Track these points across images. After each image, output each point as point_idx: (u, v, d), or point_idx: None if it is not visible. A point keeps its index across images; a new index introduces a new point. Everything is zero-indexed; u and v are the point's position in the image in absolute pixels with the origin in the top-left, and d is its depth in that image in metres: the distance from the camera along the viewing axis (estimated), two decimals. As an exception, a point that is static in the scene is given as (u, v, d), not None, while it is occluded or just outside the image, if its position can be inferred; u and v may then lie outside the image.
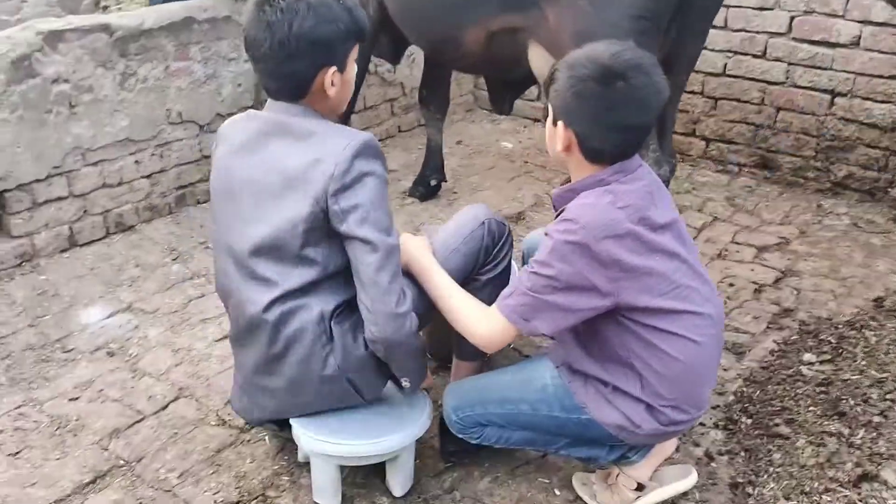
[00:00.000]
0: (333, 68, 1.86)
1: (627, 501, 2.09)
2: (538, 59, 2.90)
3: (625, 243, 1.75)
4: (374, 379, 2.03)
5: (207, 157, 3.83)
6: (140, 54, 3.41)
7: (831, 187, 4.20)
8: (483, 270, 2.19)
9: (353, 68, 1.94)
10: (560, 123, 1.83)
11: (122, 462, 2.30)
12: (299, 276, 1.89)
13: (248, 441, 2.39)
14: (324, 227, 1.85)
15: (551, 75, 1.85)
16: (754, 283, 3.31)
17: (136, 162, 3.55)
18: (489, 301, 1.99)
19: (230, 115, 3.75)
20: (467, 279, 2.15)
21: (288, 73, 1.83)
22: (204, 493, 2.19)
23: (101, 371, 2.68)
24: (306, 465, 2.27)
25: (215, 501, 2.16)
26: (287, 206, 1.85)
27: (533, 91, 4.95)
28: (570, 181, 1.95)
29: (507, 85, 3.54)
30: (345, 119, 3.34)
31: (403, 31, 3.34)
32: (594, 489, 2.14)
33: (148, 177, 3.62)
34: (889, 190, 4.00)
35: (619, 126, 1.78)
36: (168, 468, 2.28)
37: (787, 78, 4.18)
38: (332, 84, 1.88)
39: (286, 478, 2.25)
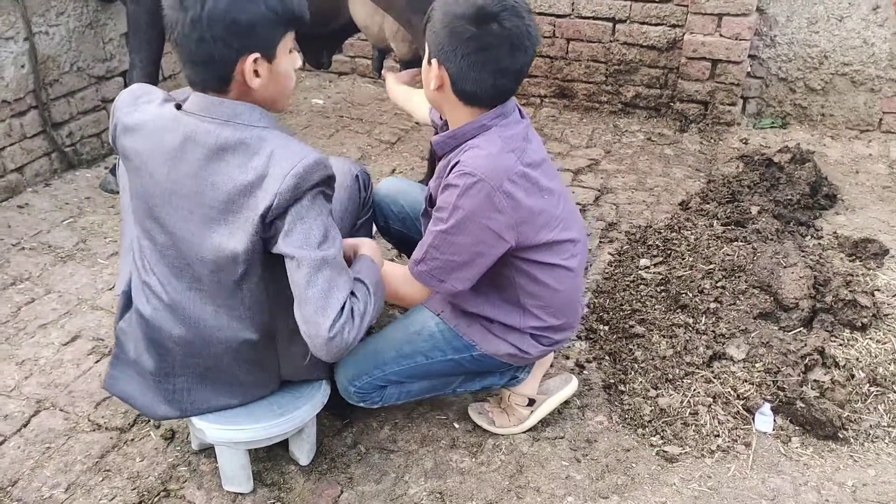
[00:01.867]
0: (255, 55, 1.63)
1: (523, 418, 2.25)
2: (360, 9, 2.90)
3: (520, 186, 1.81)
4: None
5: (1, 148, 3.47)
6: None
7: (623, 108, 4.59)
8: (360, 218, 2.30)
9: (288, 60, 1.72)
10: (434, 61, 1.83)
11: (-5, 490, 2.11)
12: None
13: (132, 440, 2.27)
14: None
15: (429, 14, 1.84)
16: (578, 203, 3.58)
17: (-82, 165, 3.14)
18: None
19: (17, 100, 3.45)
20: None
21: (204, 58, 1.62)
22: (99, 501, 2.07)
23: (-62, 400, 2.42)
24: (202, 452, 2.21)
25: (115, 507, 2.06)
26: (222, 235, 1.71)
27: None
28: (445, 126, 2.00)
29: (324, 39, 3.50)
30: None
31: None
32: (491, 416, 2.29)
33: (-67, 180, 3.22)
34: (672, 104, 4.45)
35: (492, 69, 1.77)
36: (50, 485, 2.12)
37: (573, 10, 4.47)
38: (257, 75, 1.65)
39: (184, 468, 2.18)
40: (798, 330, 2.46)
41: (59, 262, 3.12)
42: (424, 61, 1.91)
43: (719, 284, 2.64)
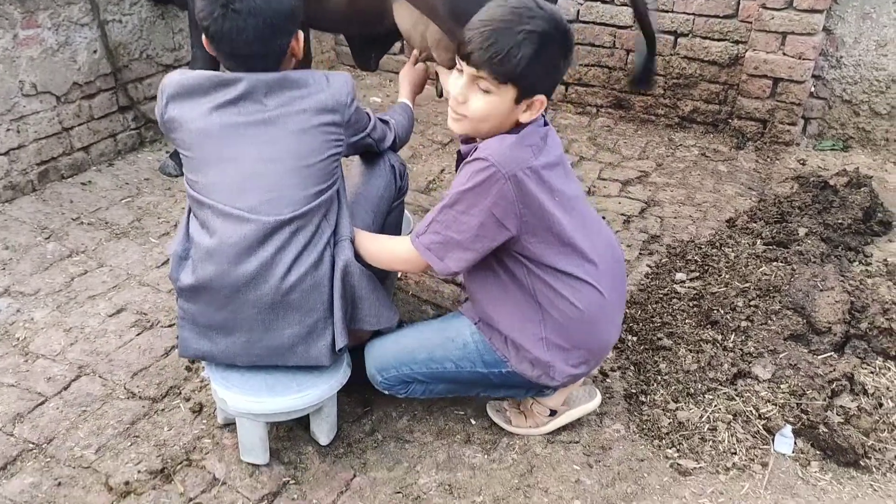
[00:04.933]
0: (299, 32, 1.99)
1: (541, 423, 2.26)
2: (404, 16, 2.95)
3: (531, 179, 1.82)
4: None
5: (68, 129, 3.65)
6: (-16, 23, 3.18)
7: (679, 122, 4.55)
8: (394, 202, 2.42)
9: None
10: (540, 96, 1.81)
11: (31, 445, 2.23)
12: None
13: (163, 410, 2.37)
14: None
15: (497, 51, 1.74)
16: (623, 214, 3.57)
17: (-8, 139, 3.33)
18: (396, 222, 2.41)
19: (88, 83, 3.62)
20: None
21: (274, 50, 1.92)
22: (125, 465, 2.17)
23: (-11, 358, 2.56)
24: (226, 427, 2.29)
25: (139, 472, 2.15)
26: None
27: (397, 46, 5.00)
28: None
29: (371, 42, 3.57)
30: None
31: None
32: (508, 415, 2.31)
33: (5, 154, 3.40)
34: (729, 121, 4.39)
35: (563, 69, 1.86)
36: (83, 445, 2.23)
37: (635, 22, 4.44)
38: (298, 46, 2.00)
39: (208, 441, 2.26)
40: (828, 354, 2.41)
41: (113, 238, 3.26)
42: (500, 103, 1.82)
43: (752, 303, 2.60)
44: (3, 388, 2.43)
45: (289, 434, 2.28)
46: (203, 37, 1.95)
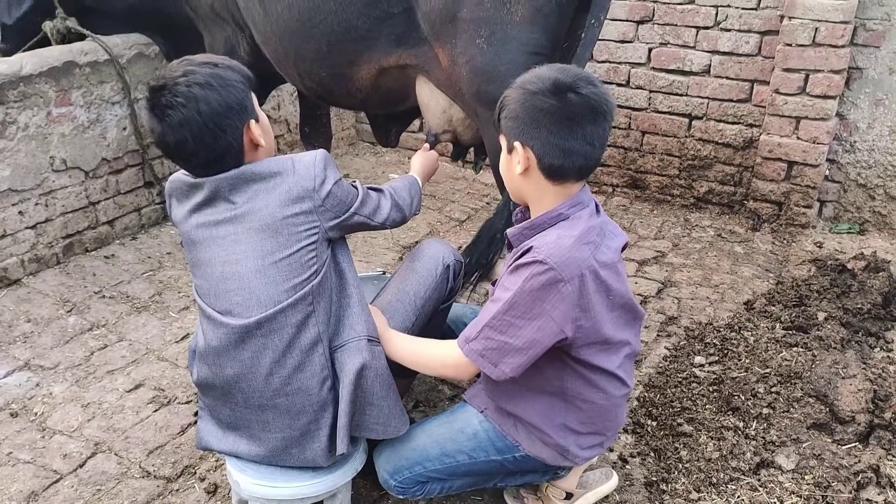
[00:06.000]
0: (252, 121, 1.89)
1: (559, 509, 2.22)
2: (425, 94, 3.04)
3: (589, 281, 1.76)
4: None
5: (94, 203, 3.73)
6: (19, 101, 3.29)
7: (695, 202, 4.58)
8: (442, 304, 2.33)
9: (262, 113, 1.97)
10: (517, 145, 1.81)
11: (44, 526, 2.22)
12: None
13: (177, 490, 2.36)
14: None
15: (501, 102, 1.85)
16: (640, 294, 3.57)
17: (20, 213, 3.40)
18: (440, 326, 2.23)
19: (116, 159, 3.72)
20: None
21: (223, 150, 1.85)
22: (139, 548, 2.15)
23: (7, 433, 2.56)
24: (242, 509, 2.27)
25: (152, 555, 2.13)
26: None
27: (415, 124, 5.12)
28: (521, 215, 2.00)
29: (392, 119, 3.65)
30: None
31: (283, 73, 3.34)
32: (525, 503, 2.27)
33: (33, 227, 3.48)
34: (745, 202, 4.42)
35: (577, 136, 1.75)
36: (96, 527, 2.22)
37: (650, 104, 4.54)
38: (259, 134, 1.91)
39: (222, 523, 2.24)
40: (853, 445, 2.37)
41: (134, 311, 3.29)
42: (503, 155, 1.89)
43: (773, 389, 2.57)
44: (18, 465, 2.43)
45: (304, 518, 2.25)
46: None
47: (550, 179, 1.82)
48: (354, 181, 2.09)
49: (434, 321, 2.33)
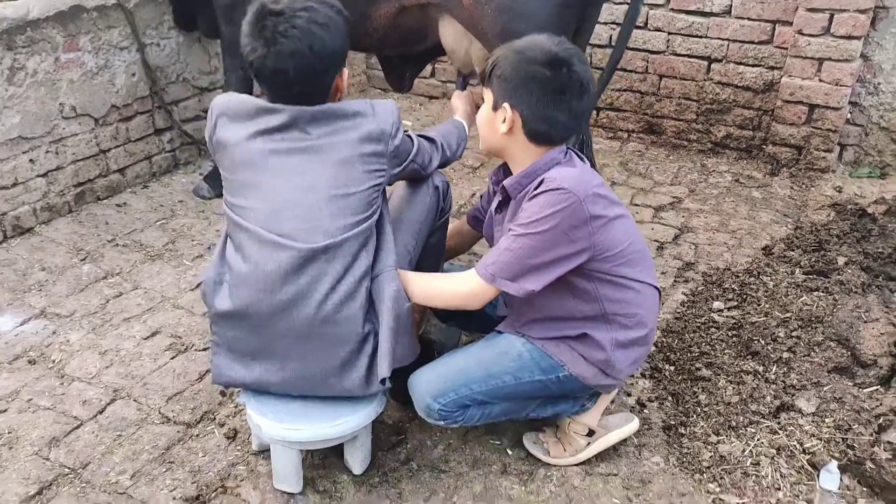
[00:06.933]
0: (344, 69, 2.01)
1: (580, 448, 2.23)
2: (449, 34, 2.97)
3: (599, 201, 1.92)
4: None
5: (105, 151, 3.69)
6: (27, 46, 3.23)
7: (712, 147, 4.51)
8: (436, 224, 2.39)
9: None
10: (506, 105, 1.95)
11: (67, 470, 2.23)
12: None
13: (198, 436, 2.37)
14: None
15: (494, 61, 1.98)
16: (656, 241, 3.53)
17: (31, 161, 3.37)
18: (437, 248, 2.40)
19: (125, 106, 3.67)
20: None
21: (316, 88, 1.94)
22: (160, 491, 2.16)
23: (26, 380, 2.57)
24: (261, 454, 2.28)
25: (174, 498, 2.14)
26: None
27: (427, 69, 5.04)
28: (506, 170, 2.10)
29: (408, 61, 3.57)
30: None
31: None
32: (546, 446, 2.27)
33: (44, 175, 3.45)
34: (764, 147, 4.34)
35: (564, 108, 1.93)
36: (118, 471, 2.23)
37: (668, 47, 4.44)
38: (345, 82, 2.04)
39: (242, 467, 2.25)
40: (874, 388, 2.35)
41: (148, 260, 3.28)
42: (487, 109, 2.03)
43: (794, 334, 2.55)
44: (39, 412, 2.44)
45: (323, 462, 2.26)
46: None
47: (534, 142, 1.99)
48: (408, 131, 2.15)
49: (431, 241, 2.40)
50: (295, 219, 1.91)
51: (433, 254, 2.44)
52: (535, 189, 1.93)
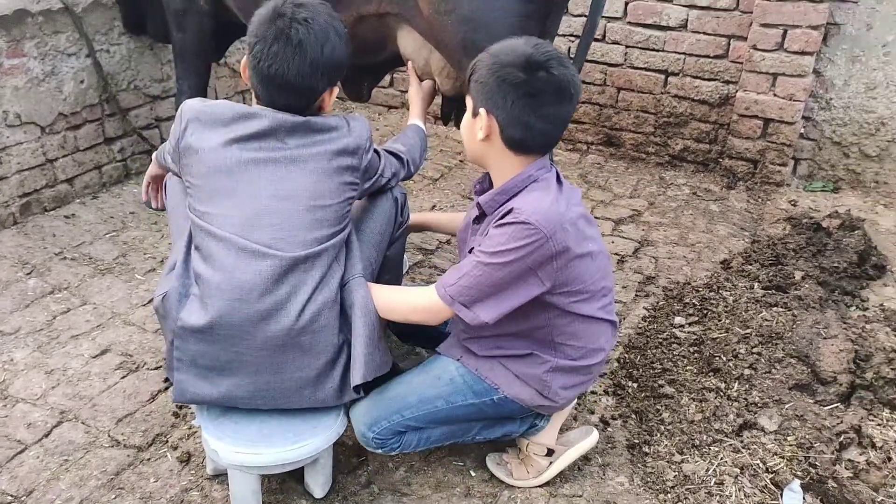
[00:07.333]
0: (336, 88, 2.03)
1: (542, 469, 2.19)
2: (409, 44, 2.92)
3: (570, 234, 1.84)
4: None
5: (52, 160, 3.56)
6: (-32, 52, 3.10)
7: (670, 160, 4.54)
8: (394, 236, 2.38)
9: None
10: (482, 111, 1.87)
11: (10, 498, 2.12)
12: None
13: (149, 459, 2.27)
14: None
15: (473, 66, 1.91)
16: (617, 254, 3.53)
17: (-28, 170, 3.24)
18: (396, 260, 2.39)
19: (74, 114, 3.54)
20: None
21: (307, 89, 1.93)
22: (110, 520, 2.08)
23: (-34, 403, 2.45)
24: (216, 478, 2.20)
25: (124, 527, 2.05)
26: None
27: (386, 79, 4.98)
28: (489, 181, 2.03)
29: (365, 71, 3.52)
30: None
31: (248, 23, 3.21)
32: (509, 467, 2.24)
33: (-14, 186, 3.31)
34: (720, 160, 4.39)
35: (541, 114, 1.83)
36: (64, 498, 2.13)
37: (625, 60, 4.46)
38: (331, 101, 2.04)
39: (196, 493, 2.17)
40: (835, 405, 2.37)
41: (97, 274, 3.17)
42: (467, 115, 1.96)
43: (755, 350, 2.56)
44: (-20, 436, 2.32)
45: (282, 486, 2.20)
46: (245, 57, 1.96)
47: (511, 150, 1.91)
48: (374, 146, 2.13)
49: (390, 253, 2.38)
50: (273, 228, 1.88)
51: (392, 266, 2.42)
52: (502, 218, 1.86)
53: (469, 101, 1.94)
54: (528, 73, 1.81)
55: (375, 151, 2.14)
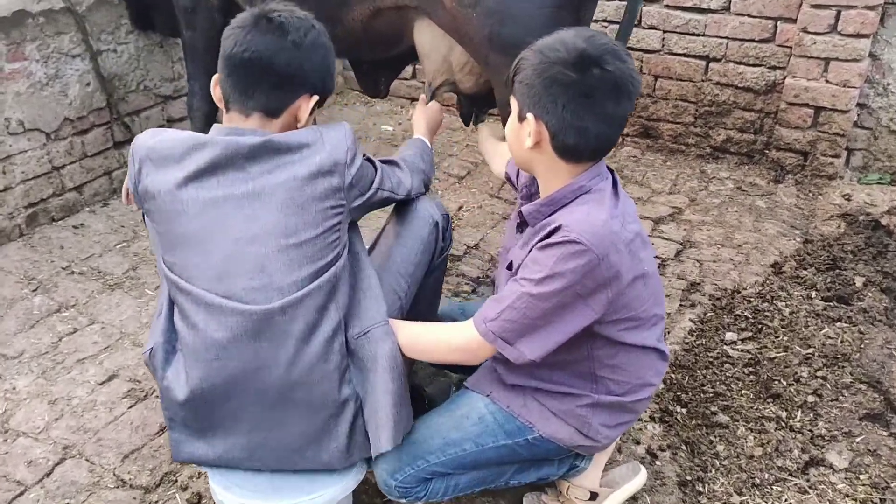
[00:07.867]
0: (315, 95, 1.76)
1: (584, 515, 1.98)
2: (426, 39, 2.71)
3: (624, 256, 1.61)
4: None
5: (59, 168, 3.39)
6: (-34, 57, 2.93)
7: (712, 152, 4.27)
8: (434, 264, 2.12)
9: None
10: (529, 116, 1.64)
11: (6, 549, 1.97)
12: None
13: (156, 502, 2.10)
14: None
15: (516, 65, 1.67)
16: (657, 257, 3.28)
17: (-25, 181, 3.08)
18: (433, 292, 2.12)
19: (80, 118, 3.37)
20: None
21: (282, 83, 1.70)
22: (112, 574, 1.91)
23: (-36, 438, 2.30)
24: (227, 525, 2.02)
25: (128, 583, 1.88)
26: None
27: (408, 70, 4.76)
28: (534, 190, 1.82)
29: (380, 66, 3.31)
30: None
31: None
32: (547, 510, 2.03)
33: (-10, 197, 3.15)
34: (766, 152, 4.11)
35: (597, 117, 1.59)
36: (64, 549, 1.97)
37: (663, 45, 4.19)
38: (306, 113, 1.76)
39: (207, 541, 2.00)
40: (912, 438, 2.13)
41: (106, 289, 3.00)
42: (512, 119, 1.71)
43: (819, 374, 2.32)
44: (-23, 476, 2.16)
45: (299, 534, 2.00)
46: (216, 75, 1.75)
47: (563, 158, 1.67)
48: (365, 154, 1.83)
49: (427, 283, 2.12)
50: (242, 277, 1.62)
51: (427, 299, 2.16)
52: (548, 237, 1.62)
53: (514, 103, 1.69)
54: (580, 71, 1.57)
55: (369, 161, 1.86)
